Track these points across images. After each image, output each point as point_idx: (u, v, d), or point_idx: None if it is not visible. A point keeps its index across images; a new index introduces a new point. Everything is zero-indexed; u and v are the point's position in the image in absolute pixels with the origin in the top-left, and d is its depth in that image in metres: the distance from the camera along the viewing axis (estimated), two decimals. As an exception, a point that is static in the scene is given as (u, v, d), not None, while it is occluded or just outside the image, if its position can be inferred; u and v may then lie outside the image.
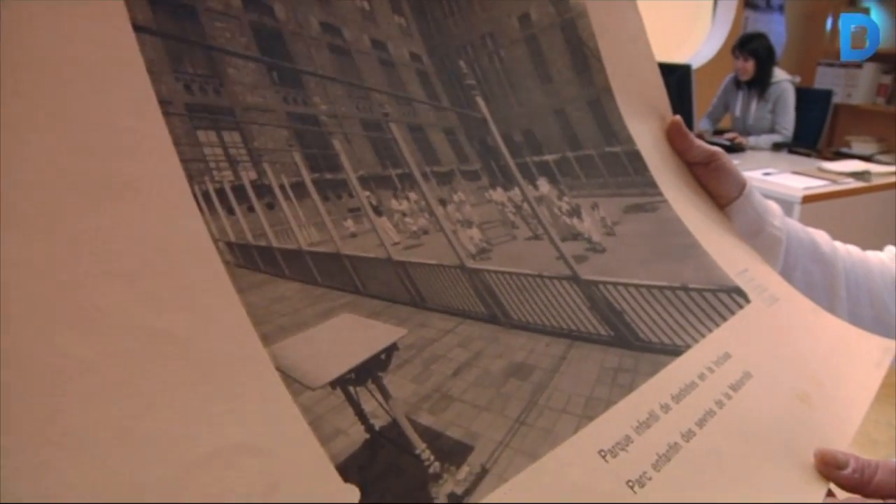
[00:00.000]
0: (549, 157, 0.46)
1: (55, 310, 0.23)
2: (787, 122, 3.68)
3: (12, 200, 0.23)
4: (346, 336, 0.30)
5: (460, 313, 0.34)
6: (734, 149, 3.51)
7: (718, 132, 3.85)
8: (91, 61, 0.27)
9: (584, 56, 0.53)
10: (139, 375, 0.23)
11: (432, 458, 0.28)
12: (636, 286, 0.44)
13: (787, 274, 0.61)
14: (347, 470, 0.26)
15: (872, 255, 0.67)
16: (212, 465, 0.23)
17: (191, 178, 0.28)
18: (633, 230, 0.48)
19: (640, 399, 0.36)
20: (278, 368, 0.27)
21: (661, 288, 0.45)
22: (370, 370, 0.29)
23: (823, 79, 5.02)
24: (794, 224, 0.64)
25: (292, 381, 0.27)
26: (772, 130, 3.72)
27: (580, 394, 0.35)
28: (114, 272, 0.24)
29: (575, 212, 0.45)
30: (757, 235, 0.60)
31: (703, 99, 3.91)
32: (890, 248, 0.67)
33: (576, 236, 0.43)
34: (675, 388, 0.39)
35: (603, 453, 0.33)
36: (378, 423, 0.28)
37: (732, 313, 0.48)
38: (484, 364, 0.33)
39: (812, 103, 3.92)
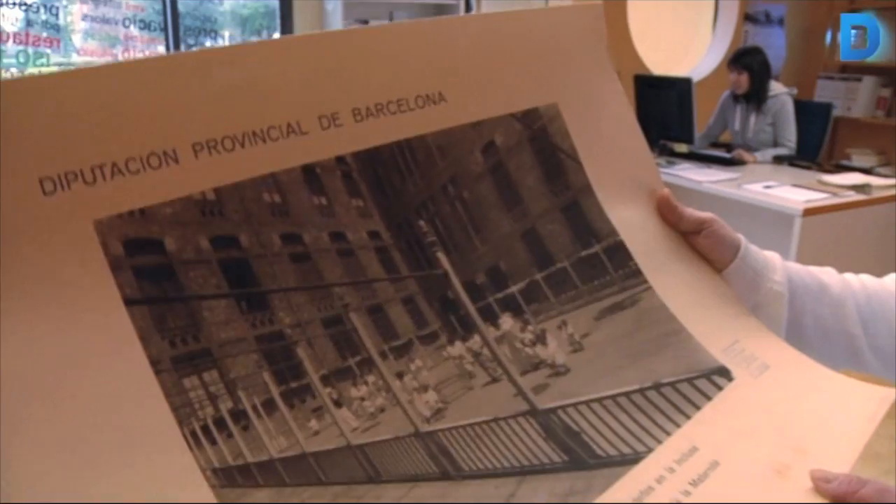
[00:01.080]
0: (514, 289, 0.55)
1: None
2: (790, 135, 3.97)
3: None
4: (308, 532, 0.42)
5: (413, 478, 0.46)
6: (735, 162, 3.84)
7: (718, 145, 4.29)
8: (95, 347, 0.40)
9: (557, 161, 0.60)
10: None
11: None
12: (599, 400, 0.52)
13: (796, 321, 0.67)
14: None
15: (890, 281, 0.70)
16: None
17: (180, 422, 0.41)
18: (605, 337, 0.56)
19: None
20: (252, 572, 0.39)
21: (627, 394, 0.53)
22: (327, 557, 0.41)
23: (823, 92, 5.52)
24: (799, 270, 0.69)
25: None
26: (773, 144, 3.94)
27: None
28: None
29: (539, 339, 0.54)
30: (756, 294, 0.65)
31: (705, 112, 4.25)
32: None
33: (537, 366, 0.53)
34: (628, 498, 0.48)
35: None
36: None
37: (709, 399, 0.55)
38: (431, 525, 0.44)
39: (812, 116, 4.18)
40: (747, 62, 4.04)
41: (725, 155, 4.02)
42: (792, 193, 3.09)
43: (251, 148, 0.48)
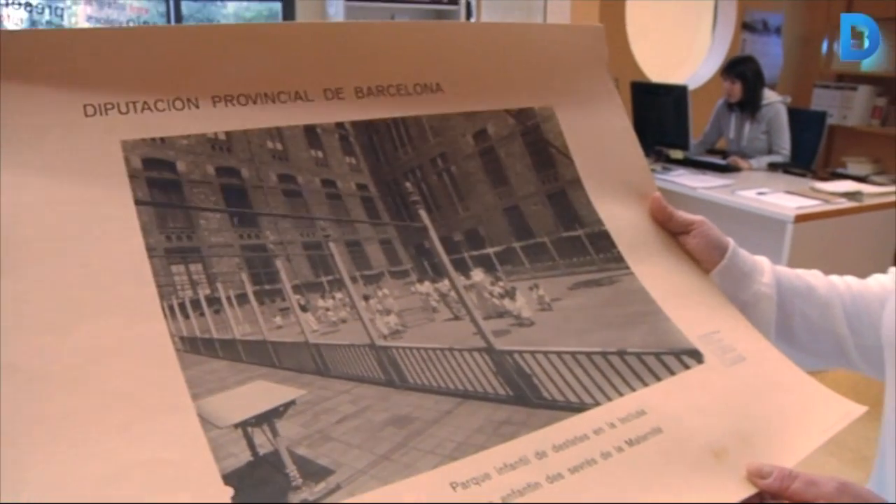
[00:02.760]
0: (490, 250, 0.65)
1: (52, 370, 0.48)
2: (784, 142, 4.35)
3: (21, 307, 0.49)
4: (254, 394, 0.52)
5: (358, 379, 0.55)
6: (730, 169, 4.22)
7: (714, 152, 4.72)
8: (102, 227, 0.54)
9: (548, 155, 0.72)
10: (98, 417, 0.47)
11: (298, 476, 0.49)
12: (558, 353, 0.61)
13: (786, 322, 0.73)
14: (229, 478, 0.47)
15: (874, 282, 0.76)
16: (143, 467, 0.46)
17: (161, 296, 0.53)
18: (577, 304, 0.65)
19: (516, 446, 0.54)
20: (199, 415, 0.49)
21: (589, 354, 0.61)
22: (267, 417, 0.51)
23: (820, 100, 6.02)
24: (787, 272, 0.76)
25: (208, 423, 0.49)
26: (768, 151, 4.27)
27: (452, 440, 0.53)
28: (98, 350, 0.49)
29: (509, 294, 0.63)
30: (745, 294, 0.73)
31: (702, 118, 4.70)
32: (892, 270, 0.75)
33: (502, 314, 0.62)
34: (560, 439, 0.55)
35: (454, 485, 0.50)
36: (263, 451, 0.49)
37: (673, 374, 0.62)
38: (368, 416, 0.53)
39: (807, 124, 4.55)
40: (741, 71, 4.42)
41: (720, 161, 4.40)
42: (785, 200, 3.40)
43: (262, 105, 0.62)
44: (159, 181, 0.57)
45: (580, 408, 0.57)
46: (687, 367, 0.64)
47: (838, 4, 5.95)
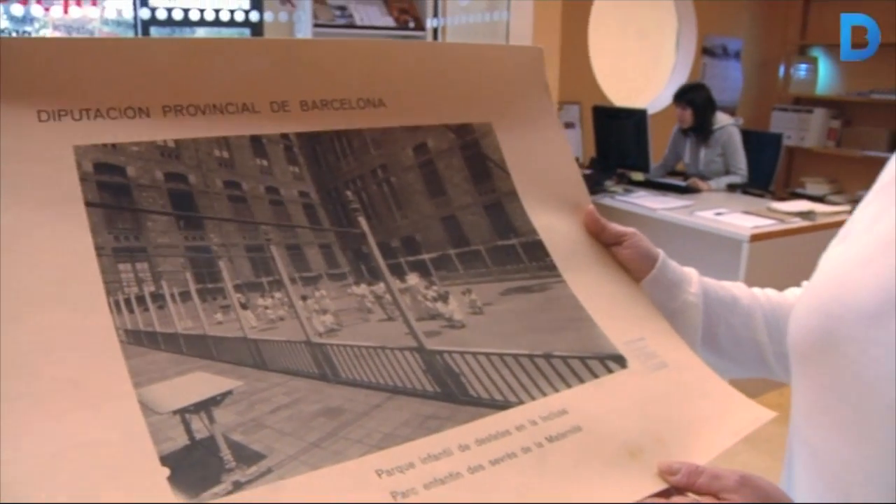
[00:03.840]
0: (425, 256, 0.72)
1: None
2: (740, 162, 4.72)
3: None
4: (193, 384, 0.59)
5: (293, 372, 0.62)
6: (690, 190, 4.59)
7: (676, 173, 5.13)
8: (54, 227, 0.61)
9: (486, 169, 0.80)
10: (42, 402, 0.54)
11: (232, 459, 0.56)
12: (487, 354, 0.68)
13: (711, 330, 0.82)
14: (166, 460, 0.54)
15: (790, 294, 0.85)
16: (84, 448, 0.53)
17: (108, 292, 0.60)
18: (507, 309, 0.73)
19: (441, 439, 0.61)
20: (140, 401, 0.56)
21: (516, 356, 0.69)
22: (205, 405, 0.58)
23: (778, 123, 6.66)
24: (714, 284, 0.85)
25: (148, 409, 0.56)
26: (725, 172, 4.63)
27: (381, 431, 0.60)
28: (46, 340, 0.56)
29: (442, 297, 0.71)
30: (673, 303, 0.81)
31: (666, 140, 5.17)
32: (805, 283, 0.83)
33: (434, 317, 0.69)
34: (483, 434, 0.62)
35: (379, 472, 0.58)
36: (199, 436, 0.56)
37: (596, 377, 0.70)
38: (300, 406, 0.60)
39: (764, 146, 4.99)
40: (690, 98, 4.82)
41: (681, 183, 4.77)
42: (741, 220, 3.70)
43: (210, 116, 0.70)
44: (109, 185, 0.64)
45: (504, 405, 0.65)
46: (610, 371, 0.71)
47: (794, 31, 6.55)
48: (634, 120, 4.78)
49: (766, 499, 0.62)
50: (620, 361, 0.72)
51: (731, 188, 4.65)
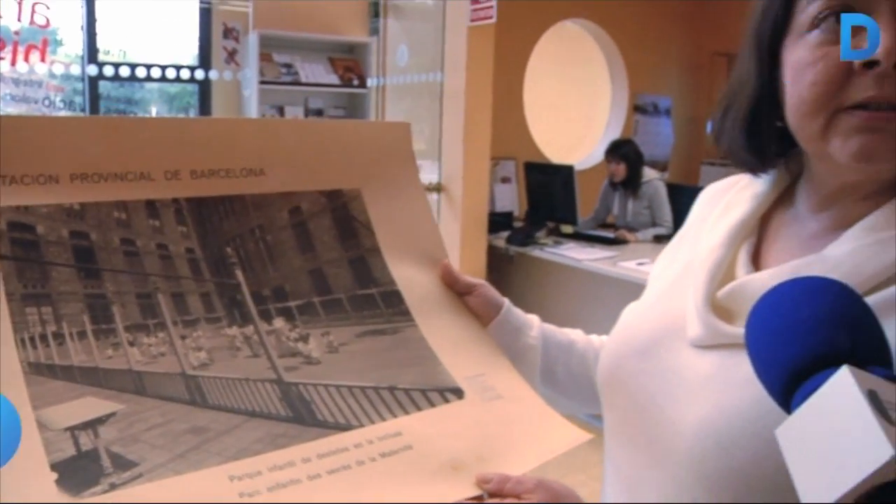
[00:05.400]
0: (292, 304, 0.85)
1: None
2: (665, 215, 5.01)
3: None
4: (83, 407, 0.71)
5: (168, 398, 0.74)
6: (617, 241, 4.87)
7: (607, 226, 5.43)
8: None
9: (353, 228, 0.93)
10: None
11: (110, 466, 0.68)
12: (336, 386, 0.81)
13: (550, 370, 0.96)
14: (56, 466, 0.66)
15: None
16: None
17: (15, 331, 0.72)
18: (361, 349, 0.86)
19: (287, 453, 0.73)
20: (37, 420, 0.68)
21: (363, 388, 0.82)
22: (92, 424, 0.70)
23: (707, 177, 6.83)
24: (553, 329, 0.99)
25: (44, 427, 0.68)
26: (652, 224, 4.92)
27: (236, 446, 0.72)
28: None
29: (303, 338, 0.83)
30: (516, 345, 0.95)
31: (596, 194, 5.58)
32: None
33: (295, 354, 0.82)
34: (324, 450, 0.75)
35: (232, 477, 0.70)
36: (85, 448, 0.68)
37: (434, 406, 0.83)
38: (172, 425, 0.72)
39: (690, 199, 5.47)
40: (624, 152, 5.14)
41: (608, 235, 5.08)
42: None
43: (112, 182, 0.82)
44: (21, 241, 0.76)
45: (347, 427, 0.78)
46: (447, 401, 0.84)
47: (719, 90, 7.02)
48: (563, 175, 5.04)
49: (556, 498, 0.75)
50: (458, 393, 0.85)
51: (658, 239, 4.85)
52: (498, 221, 5.25)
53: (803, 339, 0.55)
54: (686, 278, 0.84)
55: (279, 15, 5.15)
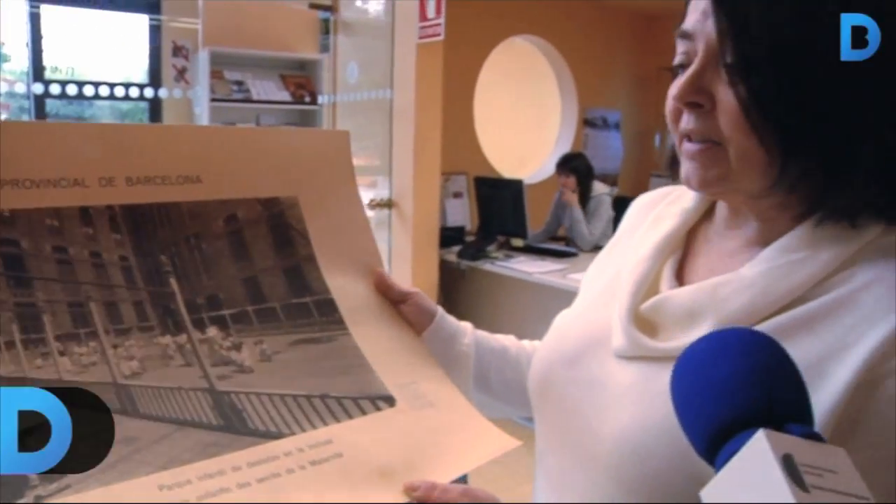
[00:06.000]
0: (225, 312, 0.85)
1: None
2: (594, 229, 5.08)
3: None
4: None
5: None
6: (568, 254, 4.92)
7: (558, 238, 5.50)
8: None
9: (289, 237, 0.93)
10: None
11: (36, 478, 0.66)
12: (269, 395, 0.80)
13: (483, 376, 0.97)
14: (-21, 477, 0.65)
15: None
16: None
17: None
18: (294, 357, 0.85)
19: (218, 462, 0.72)
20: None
21: (295, 396, 0.81)
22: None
23: (656, 188, 7.41)
24: (487, 336, 1.00)
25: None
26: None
27: (166, 455, 0.71)
28: None
29: (236, 347, 0.83)
30: (450, 352, 0.95)
31: (548, 207, 5.61)
32: None
33: (227, 363, 0.81)
34: (255, 458, 0.74)
35: (161, 487, 0.69)
36: (10, 459, 0.67)
37: (365, 413, 0.83)
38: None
39: None
40: (574, 166, 5.17)
41: (558, 247, 5.14)
42: None
43: (44, 189, 0.81)
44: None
45: (278, 436, 0.77)
46: (379, 409, 0.84)
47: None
48: (512, 189, 5.07)
49: None
50: (389, 401, 0.85)
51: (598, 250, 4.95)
52: (450, 236, 5.27)
53: (722, 400, 0.55)
54: (614, 288, 0.86)
55: (230, 32, 5.13)
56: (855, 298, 0.68)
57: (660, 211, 0.91)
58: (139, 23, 5.20)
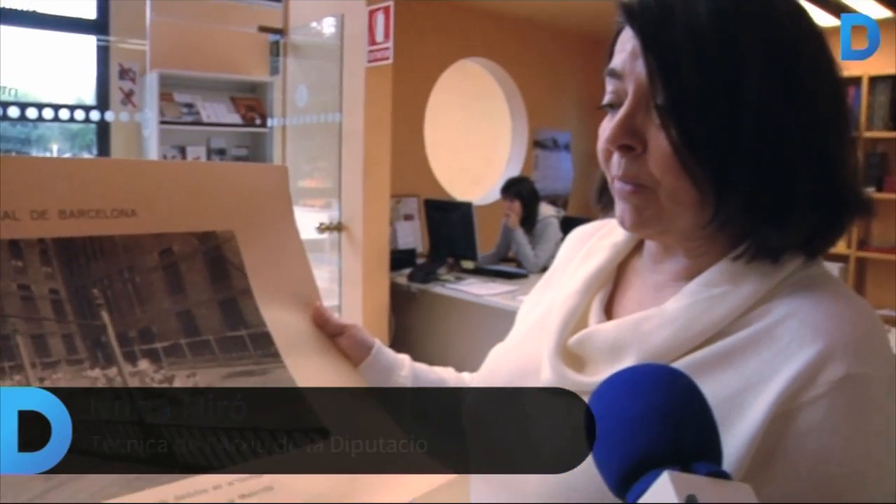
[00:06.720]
0: (158, 345, 0.84)
1: None
2: (541, 252, 5.05)
3: None
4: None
5: (25, 444, 0.72)
6: (518, 276, 4.92)
7: (509, 260, 5.46)
8: None
9: (225, 270, 0.93)
10: None
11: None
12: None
13: (421, 408, 0.96)
14: None
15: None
16: None
17: None
18: (227, 390, 0.85)
19: (142, 496, 0.71)
20: None
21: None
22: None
23: None
24: (425, 368, 1.01)
25: None
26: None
27: (88, 491, 0.70)
28: None
29: (168, 379, 0.82)
30: (387, 384, 0.95)
31: (498, 229, 5.57)
32: None
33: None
34: (182, 492, 0.73)
35: None
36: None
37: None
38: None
39: None
40: (518, 190, 5.14)
41: (508, 269, 5.14)
42: None
43: None
44: None
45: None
46: (312, 441, 0.84)
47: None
48: (462, 212, 5.08)
49: None
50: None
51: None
52: (401, 259, 5.28)
53: (630, 440, 0.56)
54: (546, 322, 0.87)
55: (178, 54, 5.09)
56: (772, 332, 0.70)
57: (592, 245, 0.93)
58: (87, 43, 5.14)
